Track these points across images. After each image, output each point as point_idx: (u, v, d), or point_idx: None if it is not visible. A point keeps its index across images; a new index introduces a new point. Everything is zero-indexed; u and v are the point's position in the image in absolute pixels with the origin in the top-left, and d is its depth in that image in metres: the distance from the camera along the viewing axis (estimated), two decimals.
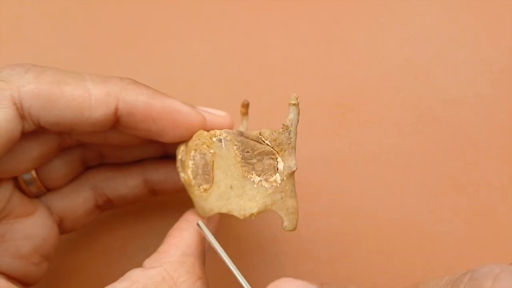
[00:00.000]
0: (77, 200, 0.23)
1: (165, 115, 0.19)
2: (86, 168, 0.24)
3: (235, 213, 0.20)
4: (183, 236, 0.19)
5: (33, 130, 0.18)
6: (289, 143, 0.20)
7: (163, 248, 0.19)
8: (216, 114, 0.22)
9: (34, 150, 0.20)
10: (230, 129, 0.22)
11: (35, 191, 0.22)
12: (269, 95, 0.31)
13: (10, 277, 0.20)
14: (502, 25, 0.33)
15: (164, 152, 0.24)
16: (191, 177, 0.20)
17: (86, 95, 0.18)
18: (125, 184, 0.23)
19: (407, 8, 0.34)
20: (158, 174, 0.23)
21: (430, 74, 0.32)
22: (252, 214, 0.19)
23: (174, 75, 0.33)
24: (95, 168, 0.24)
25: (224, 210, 0.20)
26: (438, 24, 0.34)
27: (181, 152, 0.20)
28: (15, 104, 0.17)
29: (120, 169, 0.23)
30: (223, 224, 0.28)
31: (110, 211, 0.26)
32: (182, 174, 0.20)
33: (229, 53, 0.34)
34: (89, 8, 0.36)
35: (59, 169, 0.22)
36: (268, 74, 0.32)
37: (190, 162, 0.20)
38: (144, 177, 0.23)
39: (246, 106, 0.22)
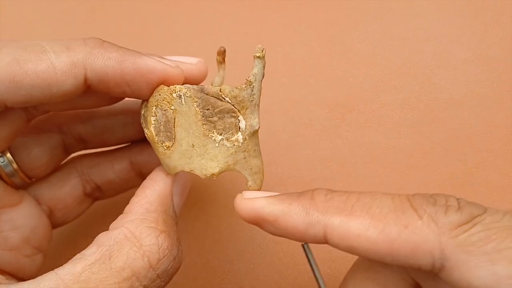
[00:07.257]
0: (65, 189, 0.22)
1: (139, 78, 0.18)
2: (71, 155, 0.24)
3: (197, 172, 0.19)
4: (146, 194, 0.19)
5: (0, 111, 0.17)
6: (252, 100, 0.19)
7: (127, 208, 0.19)
8: (187, 63, 0.20)
9: (3, 131, 0.19)
10: (204, 77, 0.21)
11: (19, 182, 0.21)
12: (269, 95, 0.31)
13: (2, 271, 0.20)
14: (502, 25, 0.33)
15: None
16: (154, 133, 0.19)
17: (50, 70, 0.17)
18: (112, 168, 0.23)
19: (407, 8, 0.34)
20: (143, 156, 0.23)
21: (430, 74, 0.32)
22: (214, 174, 0.19)
23: None
24: (81, 155, 0.24)
25: (186, 169, 0.19)
26: (438, 24, 0.34)
27: (143, 107, 0.20)
28: None
29: (106, 154, 0.23)
30: (223, 225, 0.28)
31: (103, 201, 0.26)
32: (145, 130, 0.20)
33: (228, 53, 0.34)
34: (89, 8, 0.36)
35: (40, 158, 0.21)
36: (268, 74, 0.32)
37: (152, 119, 0.19)
38: (130, 160, 0.23)
39: (222, 53, 0.20)
